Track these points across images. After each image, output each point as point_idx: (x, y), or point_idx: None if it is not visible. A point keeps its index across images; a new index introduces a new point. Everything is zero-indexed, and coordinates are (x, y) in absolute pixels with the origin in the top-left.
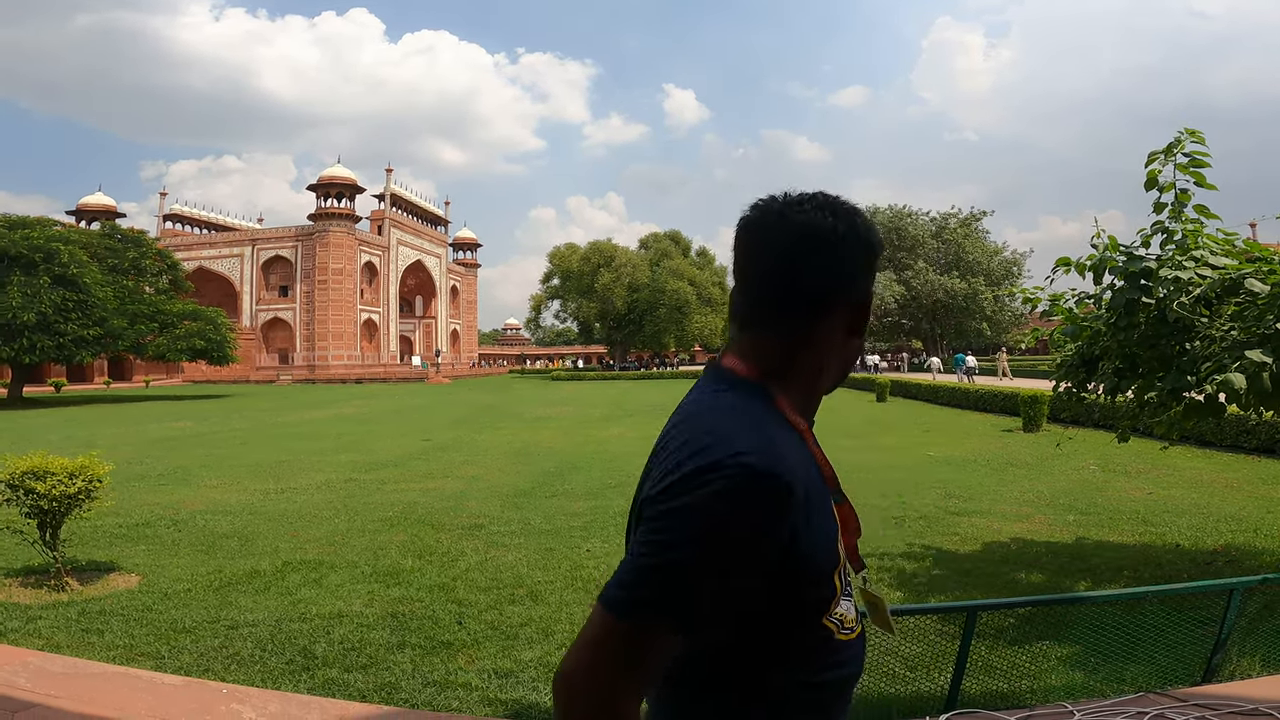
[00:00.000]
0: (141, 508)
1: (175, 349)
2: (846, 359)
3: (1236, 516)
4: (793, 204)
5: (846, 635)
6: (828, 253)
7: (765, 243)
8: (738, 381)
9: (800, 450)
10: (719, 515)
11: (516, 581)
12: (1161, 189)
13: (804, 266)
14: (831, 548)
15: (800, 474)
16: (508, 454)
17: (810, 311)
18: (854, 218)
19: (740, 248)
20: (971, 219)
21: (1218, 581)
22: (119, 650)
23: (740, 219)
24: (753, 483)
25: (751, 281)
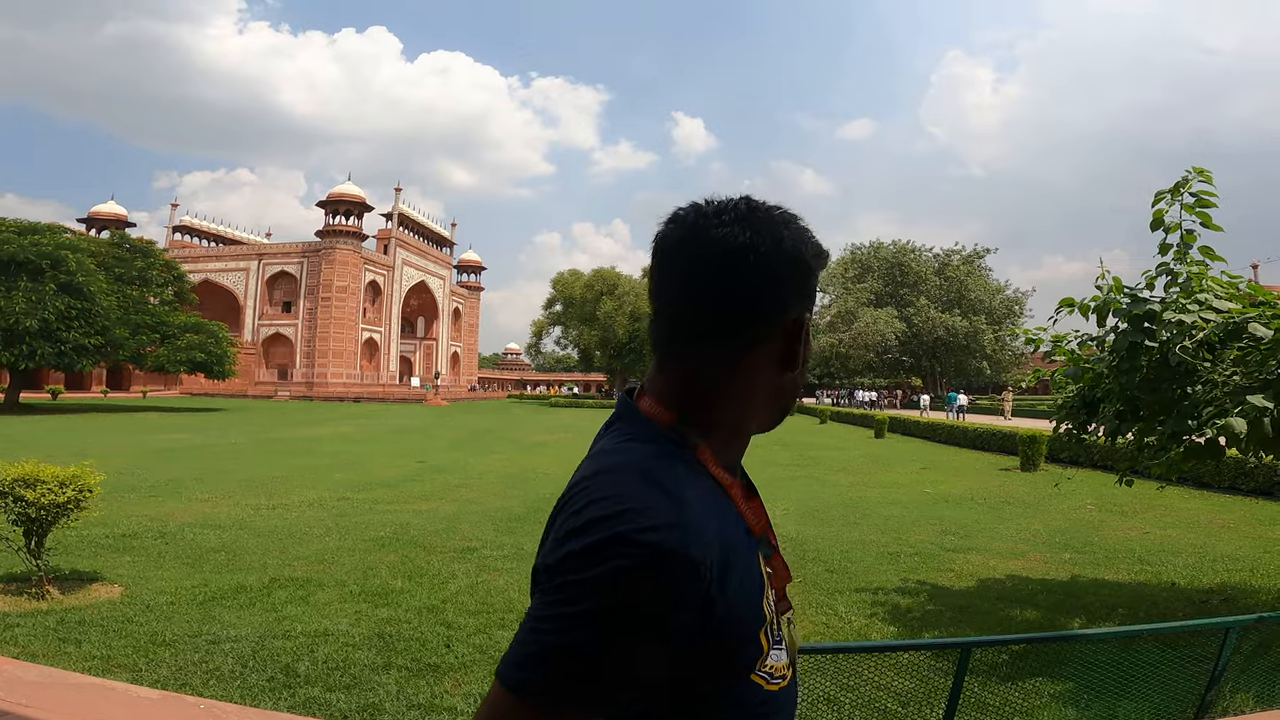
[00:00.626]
0: (130, 518)
1: (175, 361)
2: (781, 395)
3: (1233, 556)
4: (709, 216)
5: (777, 685)
6: (748, 273)
7: (677, 263)
8: (652, 430)
9: (721, 508)
10: (624, 594)
11: (506, 606)
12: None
13: (719, 290)
14: (756, 608)
15: (717, 542)
16: (503, 479)
17: (731, 342)
18: (780, 229)
19: (653, 269)
20: (974, 256)
21: (1213, 620)
22: (96, 661)
23: (655, 235)
24: (660, 561)
25: (664, 309)
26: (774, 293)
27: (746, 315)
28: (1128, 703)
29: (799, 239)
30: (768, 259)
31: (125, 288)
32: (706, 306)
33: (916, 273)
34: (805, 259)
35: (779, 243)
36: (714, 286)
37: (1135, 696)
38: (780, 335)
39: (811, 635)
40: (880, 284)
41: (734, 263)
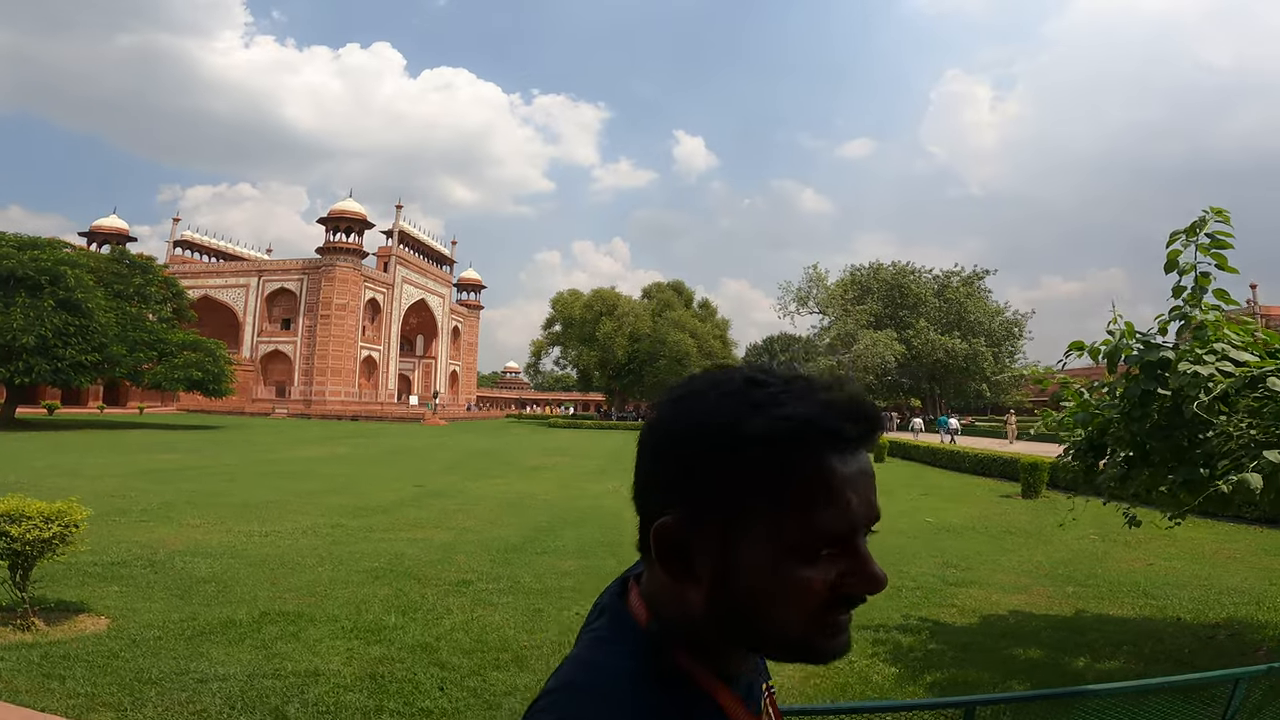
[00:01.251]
0: (119, 545)
1: (172, 379)
2: (799, 595)
3: (1238, 589)
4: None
5: None
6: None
7: (652, 440)
8: (625, 633)
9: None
10: None
11: (502, 645)
12: (1181, 272)
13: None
14: None
15: None
16: (500, 505)
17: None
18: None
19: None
20: (974, 277)
21: (1223, 673)
22: (79, 699)
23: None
24: None
25: (640, 493)
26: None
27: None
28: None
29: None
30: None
31: (124, 304)
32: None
33: (916, 294)
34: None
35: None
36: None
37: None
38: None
39: (811, 677)
40: (880, 306)
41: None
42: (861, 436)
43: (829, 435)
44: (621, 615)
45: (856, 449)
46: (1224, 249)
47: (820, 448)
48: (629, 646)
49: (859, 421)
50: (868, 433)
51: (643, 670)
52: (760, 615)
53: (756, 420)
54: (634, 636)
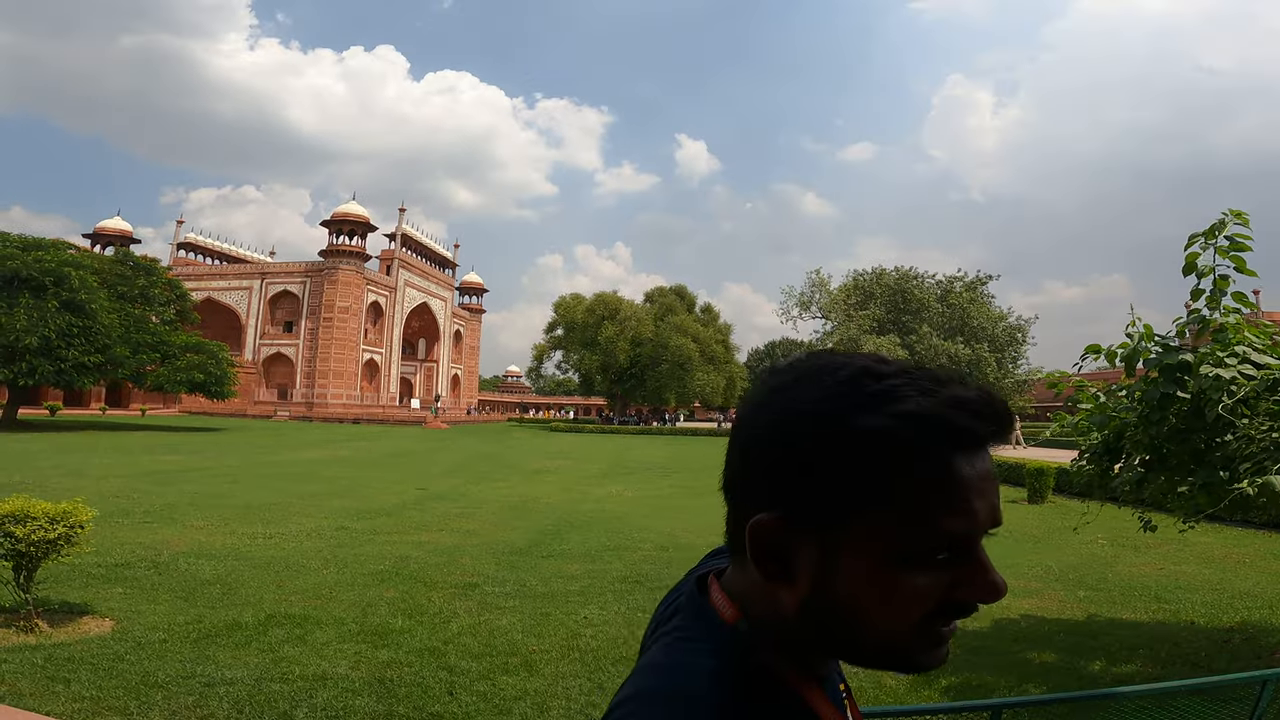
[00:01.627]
0: (122, 547)
1: (174, 381)
2: (910, 602)
3: (1250, 593)
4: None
5: None
6: (754, 438)
7: (749, 430)
8: (710, 632)
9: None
10: None
11: (510, 649)
12: (1200, 275)
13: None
14: None
15: None
16: (504, 508)
17: (759, 555)
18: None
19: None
20: (977, 283)
21: (1250, 675)
22: (85, 702)
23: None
24: None
25: (733, 485)
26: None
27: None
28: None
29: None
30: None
31: (127, 306)
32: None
33: (919, 300)
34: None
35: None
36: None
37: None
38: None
39: None
40: (883, 311)
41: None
42: (993, 435)
43: (960, 433)
44: (705, 614)
45: (984, 448)
46: (1242, 251)
47: (949, 447)
48: (713, 646)
49: (991, 419)
50: (999, 431)
51: (731, 671)
52: (863, 622)
53: (878, 415)
54: (720, 635)
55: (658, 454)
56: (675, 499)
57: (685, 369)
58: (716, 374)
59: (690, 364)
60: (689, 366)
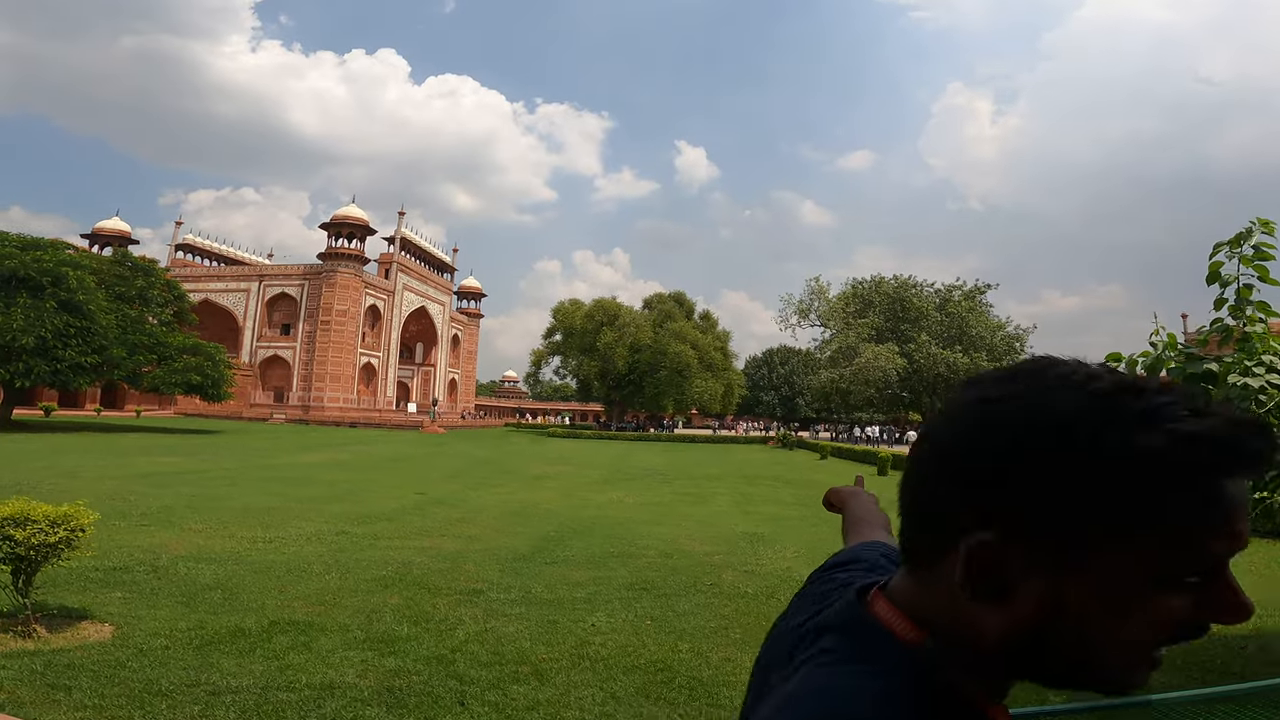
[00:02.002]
0: (120, 550)
1: (171, 382)
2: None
3: (1262, 603)
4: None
5: None
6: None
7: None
8: (884, 653)
9: None
10: None
11: (519, 657)
12: (1223, 284)
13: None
14: None
15: None
16: (505, 513)
17: (937, 539)
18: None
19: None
20: (975, 292)
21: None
22: (87, 711)
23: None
24: None
25: (921, 493)
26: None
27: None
28: None
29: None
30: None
31: (124, 306)
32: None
33: (918, 308)
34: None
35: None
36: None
37: None
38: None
39: None
40: (881, 319)
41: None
42: (1268, 461)
43: (1242, 459)
44: (874, 632)
45: (1252, 474)
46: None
47: (1229, 469)
48: (887, 668)
49: (1271, 445)
50: (1273, 457)
51: (910, 693)
52: (1096, 646)
53: (1158, 434)
54: (897, 656)
55: (657, 460)
56: (677, 505)
57: (684, 375)
58: (715, 381)
59: (689, 371)
60: (687, 373)
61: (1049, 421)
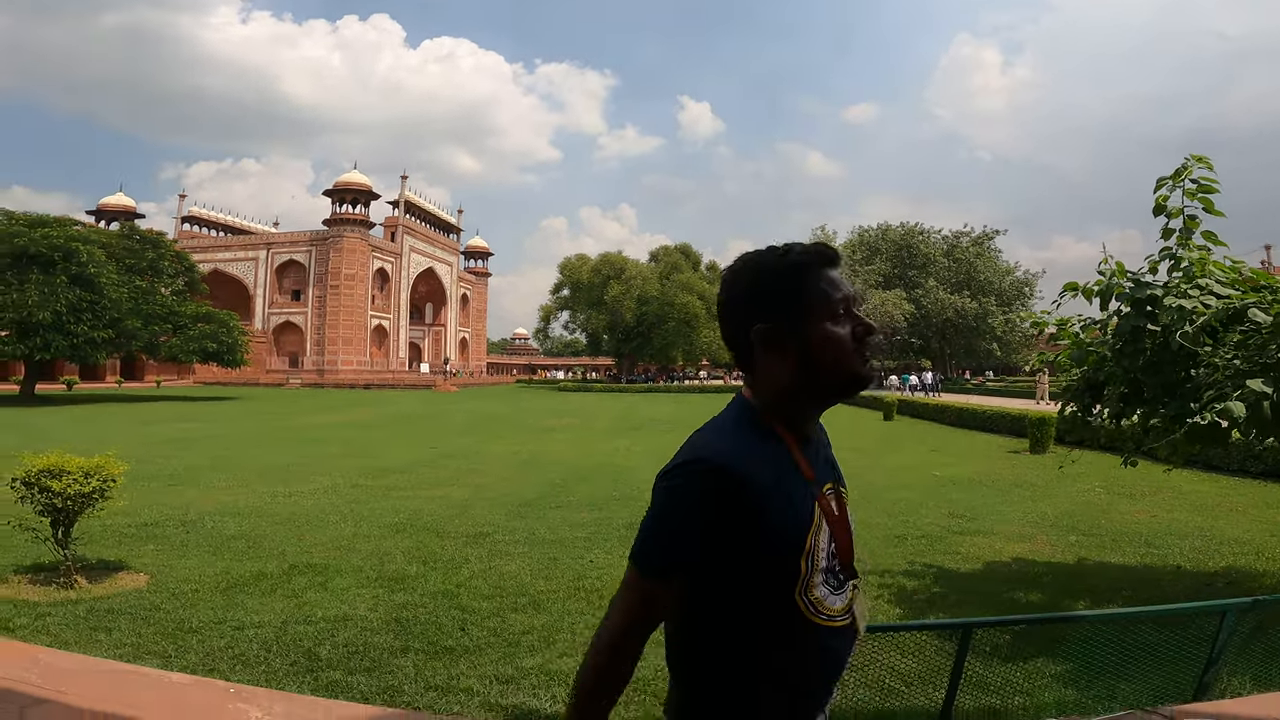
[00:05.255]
0: (151, 508)
1: (188, 350)
2: (825, 373)
3: (1239, 540)
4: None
5: (824, 621)
6: (724, 311)
7: (731, 293)
8: (739, 402)
9: (772, 452)
10: (686, 483)
11: (519, 590)
12: (1169, 215)
13: (724, 315)
14: (796, 534)
15: (758, 468)
16: (514, 464)
17: (743, 349)
18: (753, 260)
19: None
20: (984, 238)
21: (1211, 603)
22: (126, 648)
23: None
24: (707, 473)
25: (731, 328)
26: (744, 312)
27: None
28: (1127, 684)
29: (765, 266)
30: (737, 285)
31: (136, 279)
32: (723, 326)
33: (925, 254)
34: (763, 276)
35: (744, 269)
36: (722, 312)
37: (1134, 678)
38: (777, 341)
39: None
40: (888, 266)
41: (724, 294)
42: (835, 257)
43: (824, 256)
44: (738, 398)
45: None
46: (1210, 193)
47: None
48: (735, 408)
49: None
50: (835, 257)
51: (743, 418)
52: (829, 360)
53: (795, 254)
54: (742, 404)
55: (664, 411)
56: None
57: (691, 326)
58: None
59: (696, 321)
60: (695, 324)
61: (752, 265)
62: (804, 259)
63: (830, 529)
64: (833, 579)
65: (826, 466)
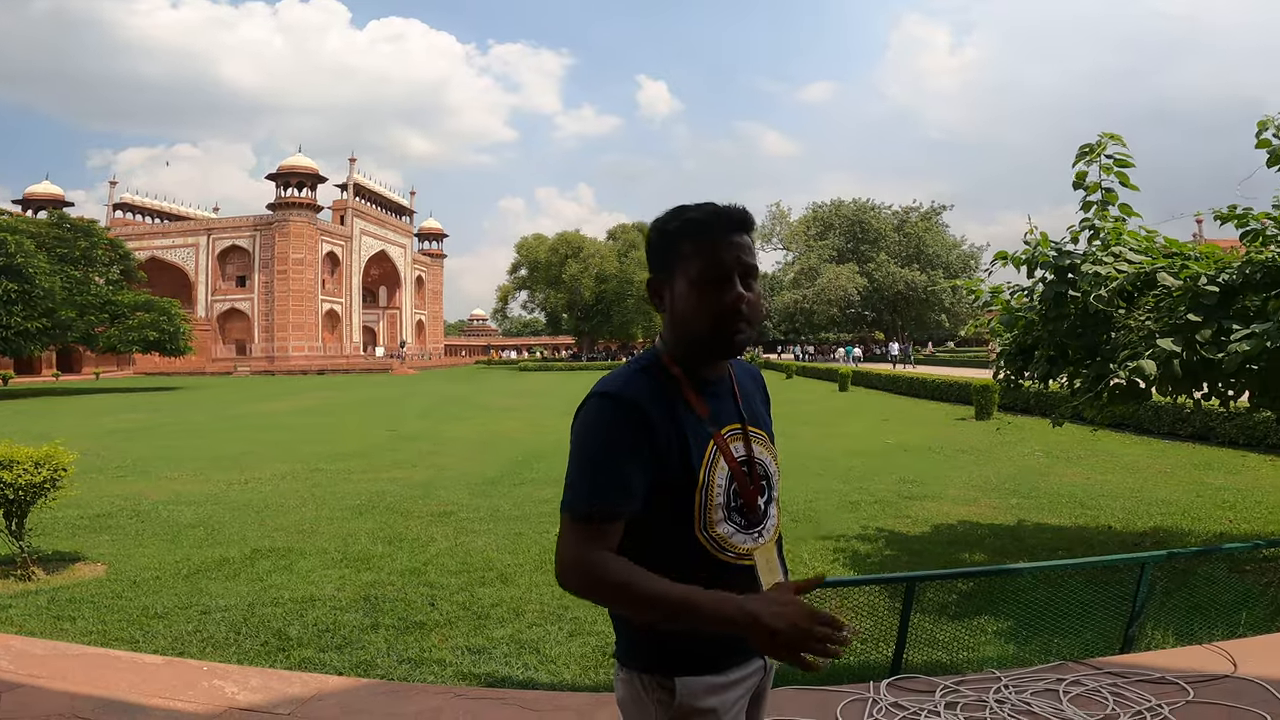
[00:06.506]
0: (102, 499)
1: (127, 340)
2: (688, 329)
3: (1167, 500)
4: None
5: (733, 559)
6: (647, 250)
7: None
8: (651, 351)
9: (665, 389)
10: (590, 425)
11: (487, 565)
12: (1088, 189)
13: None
14: (685, 462)
15: (654, 400)
16: (475, 444)
17: (651, 299)
18: (664, 215)
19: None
20: (932, 213)
21: (1129, 556)
22: (93, 635)
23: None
24: (604, 402)
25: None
26: (652, 263)
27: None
28: (1060, 639)
29: (658, 227)
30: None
31: (69, 268)
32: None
33: (876, 229)
34: (656, 235)
35: (653, 229)
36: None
37: (1067, 633)
38: (666, 290)
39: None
40: (842, 241)
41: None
42: (730, 224)
43: (719, 219)
44: (648, 348)
45: (736, 233)
46: (1126, 168)
47: (712, 231)
48: (641, 356)
49: (733, 216)
50: (740, 223)
51: (643, 360)
52: (691, 319)
53: (676, 222)
54: (648, 350)
55: None
56: None
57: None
58: None
59: None
60: None
61: (659, 220)
62: (697, 218)
63: (730, 468)
64: (738, 517)
65: (732, 409)
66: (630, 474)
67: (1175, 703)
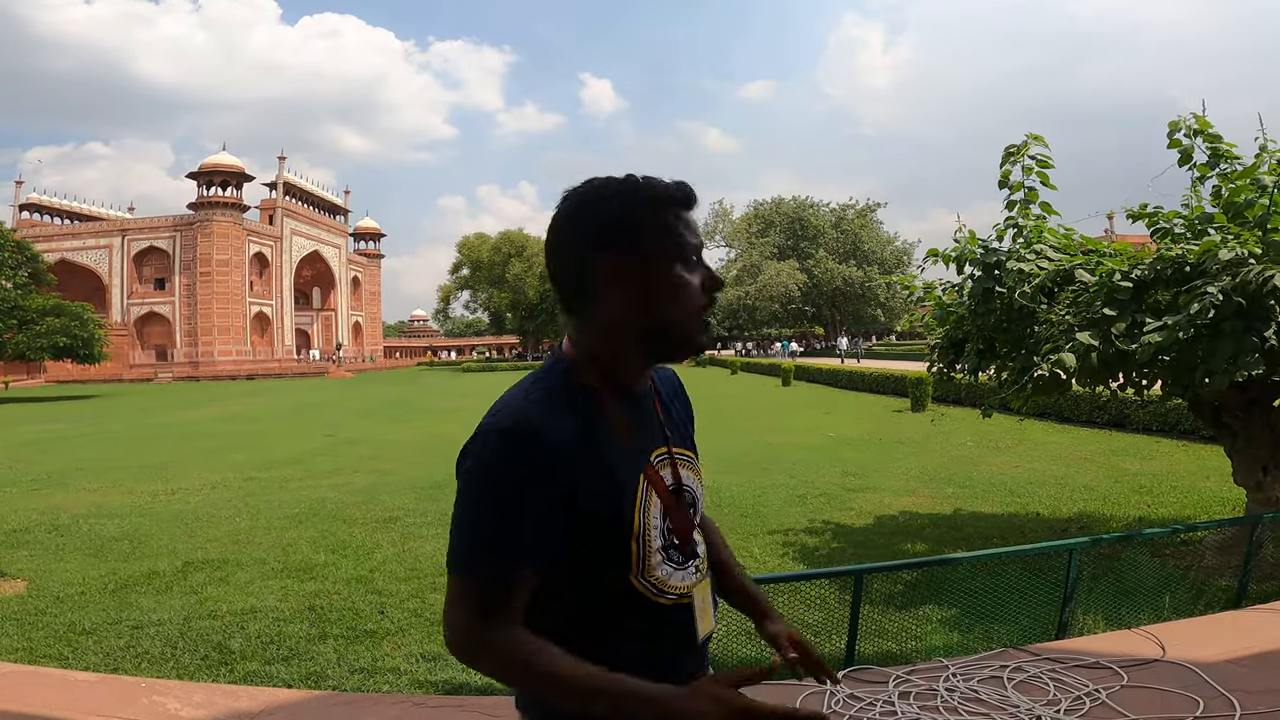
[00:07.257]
0: (16, 514)
1: (36, 347)
2: (650, 323)
3: (1089, 487)
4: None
5: (667, 601)
6: (556, 242)
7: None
8: (556, 359)
9: (583, 412)
10: (479, 471)
11: (437, 570)
12: (1011, 188)
13: (557, 246)
14: (615, 508)
15: (560, 432)
16: (418, 447)
17: (572, 290)
18: (602, 187)
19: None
20: (867, 210)
21: (1058, 543)
22: (18, 654)
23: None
24: (500, 441)
25: (558, 271)
26: (574, 251)
27: (564, 271)
28: (1001, 626)
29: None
30: (565, 225)
31: None
32: (551, 270)
33: (815, 226)
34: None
35: (566, 208)
36: (550, 255)
37: (1007, 620)
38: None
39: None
40: (782, 238)
41: (551, 235)
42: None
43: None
44: (557, 353)
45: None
46: (1047, 168)
47: (672, 201)
48: (548, 367)
49: (690, 193)
50: (694, 199)
51: (552, 373)
52: (674, 307)
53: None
54: (555, 359)
55: None
56: None
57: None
58: None
59: None
60: None
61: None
62: (666, 192)
63: (662, 502)
64: (675, 554)
65: (658, 430)
66: (534, 529)
67: (1111, 687)
